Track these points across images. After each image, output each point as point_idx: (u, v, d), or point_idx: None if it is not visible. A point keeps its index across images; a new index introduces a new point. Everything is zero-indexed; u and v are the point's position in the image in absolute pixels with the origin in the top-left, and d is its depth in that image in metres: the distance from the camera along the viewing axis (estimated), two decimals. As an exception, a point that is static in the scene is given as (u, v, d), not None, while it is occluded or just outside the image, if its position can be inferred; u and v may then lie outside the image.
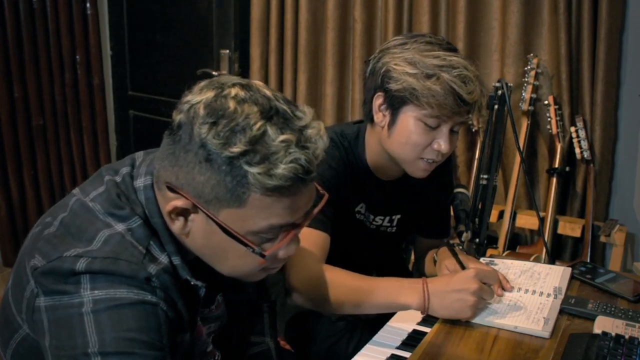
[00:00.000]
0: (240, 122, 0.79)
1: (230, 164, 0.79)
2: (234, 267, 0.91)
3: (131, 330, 0.79)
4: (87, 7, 3.07)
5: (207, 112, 0.80)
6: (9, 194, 2.92)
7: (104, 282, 0.80)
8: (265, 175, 0.78)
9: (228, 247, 0.86)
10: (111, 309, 0.79)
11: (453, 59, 1.25)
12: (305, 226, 1.28)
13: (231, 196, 0.81)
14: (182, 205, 0.84)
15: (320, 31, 2.69)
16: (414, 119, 1.28)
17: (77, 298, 0.80)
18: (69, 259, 0.82)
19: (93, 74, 3.15)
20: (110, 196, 0.89)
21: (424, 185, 1.52)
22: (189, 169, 0.81)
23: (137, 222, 0.87)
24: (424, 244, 1.63)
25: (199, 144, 0.79)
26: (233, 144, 0.78)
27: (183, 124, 0.82)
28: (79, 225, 0.87)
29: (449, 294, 1.16)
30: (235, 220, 0.83)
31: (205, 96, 0.82)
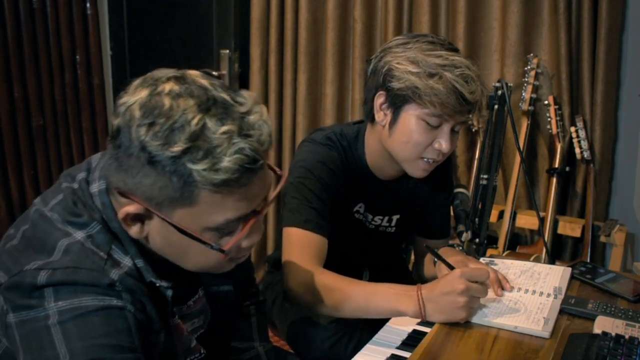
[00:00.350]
0: (178, 119, 0.76)
1: (174, 164, 0.76)
2: (197, 264, 0.90)
3: (100, 337, 0.79)
4: (87, 7, 3.06)
5: (142, 113, 0.77)
6: (9, 194, 2.92)
7: (67, 293, 0.79)
8: (211, 170, 0.76)
9: (188, 245, 0.85)
10: (77, 318, 0.78)
11: (455, 59, 1.25)
12: (303, 228, 1.28)
13: (181, 196, 0.78)
14: (133, 210, 0.82)
15: (320, 31, 2.69)
16: (416, 118, 1.28)
17: (42, 312, 0.79)
18: (29, 272, 0.80)
19: (93, 74, 3.15)
20: (67, 204, 0.87)
21: (423, 185, 1.53)
22: (134, 173, 0.79)
23: (96, 227, 0.86)
24: (423, 244, 1.63)
25: (139, 147, 0.77)
26: (173, 143, 0.76)
27: (122, 128, 0.79)
28: (39, 236, 0.85)
29: (440, 297, 1.16)
30: (190, 219, 0.81)
31: (140, 96, 0.79)
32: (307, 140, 1.45)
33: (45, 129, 3.01)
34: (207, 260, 0.89)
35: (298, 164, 1.40)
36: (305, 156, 1.41)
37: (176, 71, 0.84)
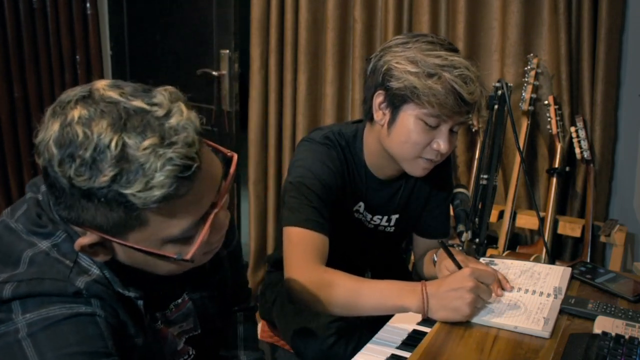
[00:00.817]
0: (96, 147, 0.72)
1: (108, 193, 0.73)
2: (171, 272, 0.88)
3: (72, 345, 0.77)
4: (87, 7, 3.07)
5: (59, 150, 0.73)
6: (9, 194, 2.92)
7: (34, 304, 0.78)
8: (146, 190, 0.72)
9: (155, 261, 0.84)
10: (47, 328, 0.77)
11: (455, 59, 1.25)
12: (304, 227, 1.27)
13: (127, 221, 0.76)
14: (88, 242, 0.80)
15: (320, 31, 2.69)
16: (414, 118, 1.28)
17: (11, 325, 0.77)
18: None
19: (93, 74, 3.15)
20: (31, 215, 0.85)
21: (422, 184, 1.53)
22: (75, 208, 0.76)
23: (62, 236, 0.83)
24: (423, 244, 1.63)
25: (68, 184, 0.74)
26: (99, 173, 0.72)
27: (46, 168, 0.76)
28: (4, 249, 0.84)
29: (447, 293, 1.16)
30: (146, 239, 0.79)
31: (53, 130, 0.74)
32: (306, 139, 1.45)
33: (45, 129, 3.01)
34: (178, 267, 0.87)
35: (297, 163, 1.40)
36: (304, 155, 1.41)
37: (83, 88, 0.79)
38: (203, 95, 3.02)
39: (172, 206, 0.76)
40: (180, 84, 0.88)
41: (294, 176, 1.38)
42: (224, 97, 2.91)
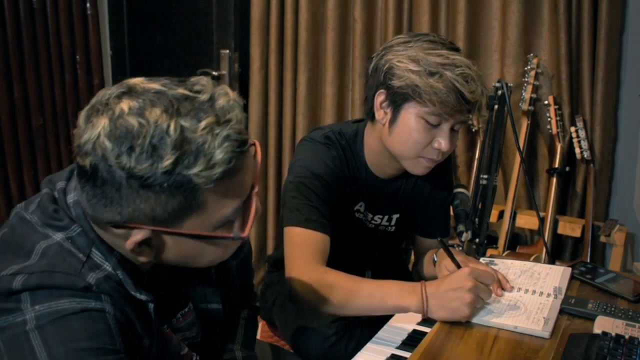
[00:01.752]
0: (154, 134, 0.73)
1: (170, 178, 0.74)
2: (214, 260, 0.89)
3: (80, 340, 0.76)
4: (87, 7, 3.06)
5: (114, 143, 0.73)
6: (9, 194, 2.92)
7: (44, 297, 0.77)
8: (208, 169, 0.74)
9: (203, 248, 0.84)
10: (55, 322, 0.76)
11: (456, 58, 1.25)
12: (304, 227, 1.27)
13: (186, 206, 0.77)
14: (142, 237, 0.79)
15: (320, 31, 2.69)
16: (416, 116, 1.29)
17: (19, 317, 0.77)
18: (5, 278, 0.78)
19: (93, 74, 3.15)
20: (47, 208, 0.85)
21: (423, 184, 1.53)
22: (130, 202, 0.76)
23: (77, 230, 0.83)
24: (423, 244, 1.63)
25: (126, 176, 0.73)
26: (161, 159, 0.73)
27: (97, 165, 0.75)
28: (17, 239, 0.83)
29: (446, 293, 1.16)
30: (200, 224, 0.80)
31: (100, 127, 0.74)
32: (306, 139, 1.45)
33: (45, 129, 3.01)
34: (223, 253, 0.88)
35: (297, 163, 1.40)
36: (304, 155, 1.41)
37: (118, 87, 0.79)
38: (203, 95, 3.01)
39: (228, 184, 0.78)
40: None
41: (294, 176, 1.38)
42: (224, 97, 2.90)
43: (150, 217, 0.77)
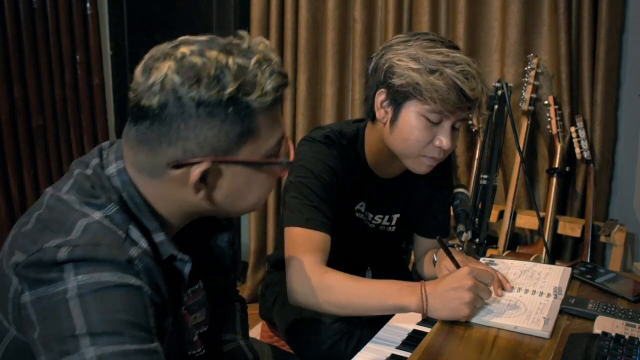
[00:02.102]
0: (217, 68, 0.83)
1: (232, 103, 0.83)
2: (258, 198, 0.95)
3: (118, 312, 0.79)
4: (87, 7, 3.06)
5: (183, 77, 0.82)
6: (9, 194, 2.92)
7: (87, 267, 0.80)
8: (262, 96, 0.85)
9: (253, 181, 0.92)
10: (96, 292, 0.79)
11: (456, 56, 1.26)
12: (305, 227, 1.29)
13: (243, 132, 0.86)
14: (204, 168, 0.86)
15: (320, 31, 2.69)
16: (417, 114, 1.29)
17: (61, 286, 0.79)
18: (50, 249, 0.81)
19: (93, 74, 3.15)
20: (83, 187, 0.89)
21: (424, 183, 1.53)
22: (197, 132, 0.84)
23: (114, 208, 0.87)
24: (423, 244, 1.63)
25: (195, 105, 0.82)
26: (224, 87, 0.82)
27: (167, 101, 0.83)
28: (56, 218, 0.86)
29: (446, 292, 1.16)
30: (255, 150, 0.89)
31: (166, 67, 0.83)
32: (307, 139, 1.45)
33: (45, 129, 3.01)
34: (267, 188, 0.96)
35: (297, 163, 1.40)
36: (305, 155, 1.41)
37: (171, 42, 0.88)
38: (203, 95, 3.02)
39: (274, 113, 0.90)
40: None
41: (294, 176, 1.38)
42: (224, 97, 2.90)
43: (211, 147, 0.85)
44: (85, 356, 0.75)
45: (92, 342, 0.76)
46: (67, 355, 0.76)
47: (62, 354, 0.76)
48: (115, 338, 0.77)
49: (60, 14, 2.94)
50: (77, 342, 0.76)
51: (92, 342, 0.76)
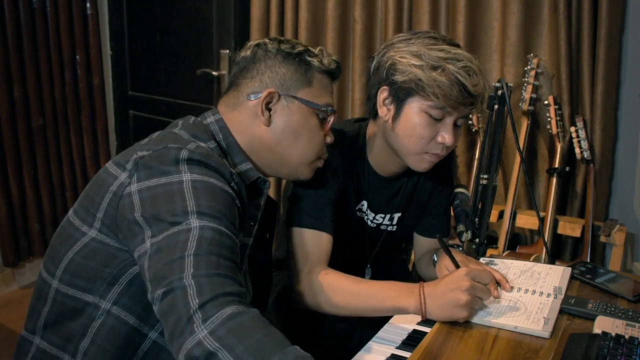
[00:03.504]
0: (293, 41, 1.23)
1: (299, 57, 1.20)
2: (306, 143, 1.21)
3: (220, 204, 0.98)
4: (87, 7, 3.06)
5: (271, 41, 1.22)
6: (9, 194, 2.92)
7: (200, 169, 1.00)
8: (321, 62, 1.21)
9: (304, 121, 1.20)
10: (206, 187, 0.98)
11: (458, 52, 1.26)
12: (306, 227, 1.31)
13: (304, 77, 1.20)
14: (272, 91, 1.17)
15: (320, 31, 2.69)
16: (419, 111, 1.29)
17: (177, 177, 0.98)
18: (174, 148, 1.01)
19: (93, 74, 3.15)
20: (190, 128, 1.13)
21: (425, 182, 1.53)
22: (274, 69, 1.19)
23: (213, 144, 1.13)
24: (423, 243, 1.63)
25: (275, 52, 1.20)
26: (297, 47, 1.21)
27: (257, 51, 1.21)
28: (172, 138, 1.08)
29: (443, 294, 1.16)
30: (309, 97, 1.20)
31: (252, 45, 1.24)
32: (307, 139, 1.45)
33: (45, 129, 3.01)
34: (314, 141, 1.22)
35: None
36: (305, 155, 1.41)
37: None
38: (203, 95, 3.01)
39: (326, 81, 1.24)
40: (180, 84, 0.92)
41: (294, 176, 1.38)
42: (224, 97, 2.90)
43: (280, 82, 1.18)
44: (191, 225, 0.92)
45: (199, 217, 0.94)
46: (177, 225, 0.93)
47: (173, 224, 0.93)
48: (215, 220, 0.95)
49: (60, 14, 2.95)
50: (187, 216, 0.93)
51: (198, 217, 0.93)
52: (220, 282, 0.86)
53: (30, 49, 2.86)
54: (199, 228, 0.92)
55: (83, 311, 1.04)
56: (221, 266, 0.89)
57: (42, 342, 1.07)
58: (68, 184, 3.14)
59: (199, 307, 0.82)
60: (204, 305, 0.82)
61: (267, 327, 0.83)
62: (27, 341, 1.09)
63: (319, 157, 1.25)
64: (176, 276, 0.86)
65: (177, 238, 0.91)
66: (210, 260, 0.88)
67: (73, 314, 1.05)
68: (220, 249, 0.91)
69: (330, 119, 1.24)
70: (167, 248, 0.90)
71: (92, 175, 3.21)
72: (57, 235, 1.11)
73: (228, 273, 0.89)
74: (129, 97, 3.36)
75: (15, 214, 2.96)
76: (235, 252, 0.95)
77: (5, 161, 2.88)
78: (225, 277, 0.88)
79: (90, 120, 3.18)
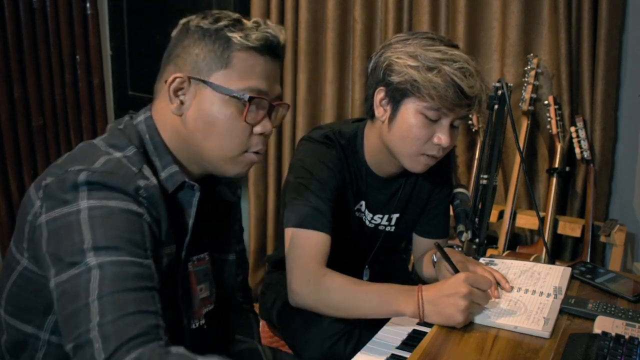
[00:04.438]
0: (223, 14, 1.04)
1: (217, 33, 1.01)
2: (222, 136, 1.04)
3: (120, 231, 0.92)
4: (87, 7, 3.06)
5: (196, 16, 1.06)
6: (9, 194, 2.92)
7: (99, 193, 0.93)
8: (244, 38, 1.01)
9: (217, 110, 1.02)
10: (104, 215, 0.92)
11: (455, 53, 1.26)
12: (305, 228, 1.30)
13: (219, 58, 1.01)
14: (180, 76, 1.03)
15: (320, 31, 2.69)
16: (415, 112, 1.29)
17: (75, 207, 0.92)
18: (73, 172, 0.95)
19: (93, 74, 3.15)
20: (112, 134, 1.06)
21: (423, 183, 1.53)
22: (187, 49, 1.03)
23: (132, 150, 1.02)
24: (423, 244, 1.63)
25: (194, 30, 1.03)
26: (219, 21, 1.02)
27: (178, 33, 1.07)
28: (84, 154, 1.01)
29: (441, 299, 1.16)
30: (223, 82, 1.02)
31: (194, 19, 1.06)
32: (306, 138, 1.45)
33: (45, 129, 3.01)
34: (231, 134, 1.04)
35: (297, 163, 1.40)
36: (304, 155, 1.41)
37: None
38: (203, 95, 3.01)
39: (254, 62, 1.02)
40: None
41: (294, 176, 1.38)
42: (224, 97, 2.90)
43: (192, 65, 1.02)
44: (89, 264, 0.88)
45: (96, 254, 0.89)
46: (75, 265, 0.89)
47: (71, 265, 0.89)
48: (114, 251, 0.90)
49: (60, 14, 2.94)
50: (83, 254, 0.89)
51: (95, 254, 0.89)
52: (125, 325, 0.84)
53: (30, 49, 2.86)
54: (98, 267, 0.88)
55: (26, 343, 1.02)
56: (127, 303, 0.86)
57: None
58: (68, 184, 3.14)
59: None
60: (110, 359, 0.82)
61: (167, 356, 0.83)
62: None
63: (245, 150, 1.06)
64: (82, 328, 0.84)
65: (79, 281, 0.88)
66: (116, 300, 0.86)
67: (21, 346, 1.03)
68: (124, 283, 0.88)
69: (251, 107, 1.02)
70: (71, 292, 0.88)
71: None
72: (3, 263, 1.08)
73: (135, 308, 0.86)
74: (129, 97, 3.36)
75: (15, 214, 2.96)
76: (145, 276, 0.91)
77: (5, 161, 2.88)
78: (133, 315, 0.85)
79: (90, 121, 3.18)
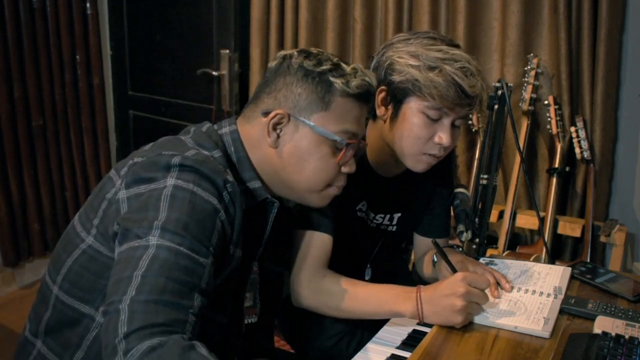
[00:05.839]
0: (323, 55, 1.12)
1: (321, 76, 1.09)
2: (313, 172, 1.12)
3: (192, 220, 0.92)
4: (87, 7, 3.06)
5: (298, 54, 1.12)
6: (9, 194, 2.92)
7: (190, 175, 0.96)
8: (345, 84, 1.09)
9: (313, 149, 1.10)
10: (185, 199, 0.94)
11: (456, 53, 1.26)
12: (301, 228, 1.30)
13: (321, 101, 1.09)
14: (281, 112, 1.09)
15: (320, 31, 2.69)
16: (416, 111, 1.29)
17: (162, 183, 0.95)
18: (167, 155, 0.99)
19: (93, 74, 3.15)
20: (197, 135, 1.11)
21: (425, 182, 1.53)
22: (290, 87, 1.10)
23: (219, 154, 1.09)
24: (423, 244, 1.63)
25: (296, 68, 1.10)
26: (322, 64, 1.10)
27: (280, 64, 1.13)
28: (173, 145, 1.06)
29: (439, 299, 1.16)
30: (322, 124, 1.10)
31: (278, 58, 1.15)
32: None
33: (45, 129, 3.01)
34: (323, 168, 1.12)
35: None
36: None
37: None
38: (203, 95, 3.01)
39: (351, 106, 1.12)
40: (180, 84, 0.92)
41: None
42: (224, 97, 2.90)
43: (294, 103, 1.10)
44: (150, 242, 0.89)
45: (161, 234, 0.90)
46: (139, 238, 0.90)
47: (136, 237, 0.91)
48: (177, 238, 0.90)
49: (60, 14, 2.95)
50: (150, 230, 0.90)
51: (160, 234, 0.90)
52: (155, 311, 0.83)
53: (30, 49, 2.86)
54: (155, 247, 0.89)
55: (80, 322, 1.03)
56: (166, 291, 0.85)
57: (43, 346, 1.07)
58: (68, 184, 3.14)
59: (124, 337, 0.81)
60: (129, 336, 0.81)
61: (186, 353, 0.80)
62: (30, 343, 1.09)
63: (329, 185, 1.16)
64: (118, 296, 0.85)
65: (135, 253, 0.89)
66: (157, 283, 0.85)
67: (71, 324, 1.04)
68: (171, 272, 0.87)
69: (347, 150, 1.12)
70: (124, 262, 0.89)
71: (92, 175, 3.21)
72: (61, 240, 1.11)
73: (171, 299, 0.85)
74: (129, 97, 3.36)
75: (15, 214, 2.96)
76: (194, 272, 0.90)
77: (5, 161, 2.88)
78: (165, 304, 0.84)
79: (90, 121, 3.18)
